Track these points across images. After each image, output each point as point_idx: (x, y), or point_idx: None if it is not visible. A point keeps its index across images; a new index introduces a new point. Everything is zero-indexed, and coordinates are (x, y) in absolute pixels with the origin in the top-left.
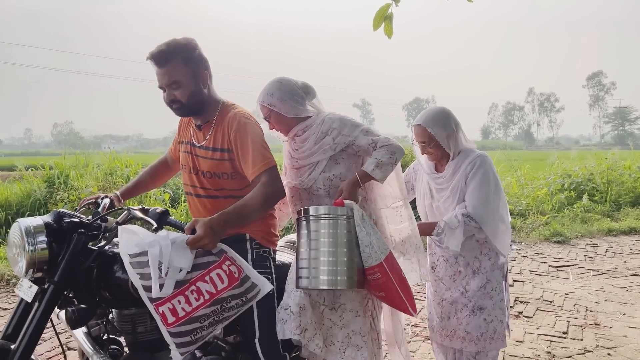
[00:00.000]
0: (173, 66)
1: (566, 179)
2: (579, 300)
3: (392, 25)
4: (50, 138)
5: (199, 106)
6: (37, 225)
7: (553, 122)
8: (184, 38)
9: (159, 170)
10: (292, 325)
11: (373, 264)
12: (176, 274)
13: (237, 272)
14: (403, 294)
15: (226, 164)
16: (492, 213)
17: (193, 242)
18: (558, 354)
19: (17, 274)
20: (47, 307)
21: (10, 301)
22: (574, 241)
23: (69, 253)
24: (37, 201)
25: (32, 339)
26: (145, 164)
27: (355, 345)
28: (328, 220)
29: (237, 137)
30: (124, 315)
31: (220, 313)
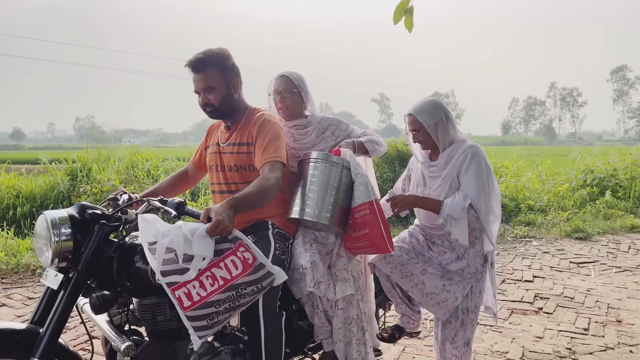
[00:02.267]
0: (208, 73)
1: (588, 175)
2: (601, 297)
3: (413, 19)
4: (72, 132)
5: (230, 110)
6: (62, 217)
7: (575, 117)
8: (219, 48)
9: (179, 180)
10: (307, 280)
11: (365, 201)
12: (199, 262)
13: (251, 259)
14: (385, 232)
15: (251, 157)
16: (486, 203)
17: (213, 229)
18: (579, 350)
19: (43, 263)
20: (72, 294)
21: (35, 290)
22: (595, 237)
23: (91, 243)
24: (61, 194)
25: (58, 324)
26: (165, 158)
27: (342, 279)
28: (323, 164)
29: (259, 131)
30: (144, 305)
31: (236, 299)
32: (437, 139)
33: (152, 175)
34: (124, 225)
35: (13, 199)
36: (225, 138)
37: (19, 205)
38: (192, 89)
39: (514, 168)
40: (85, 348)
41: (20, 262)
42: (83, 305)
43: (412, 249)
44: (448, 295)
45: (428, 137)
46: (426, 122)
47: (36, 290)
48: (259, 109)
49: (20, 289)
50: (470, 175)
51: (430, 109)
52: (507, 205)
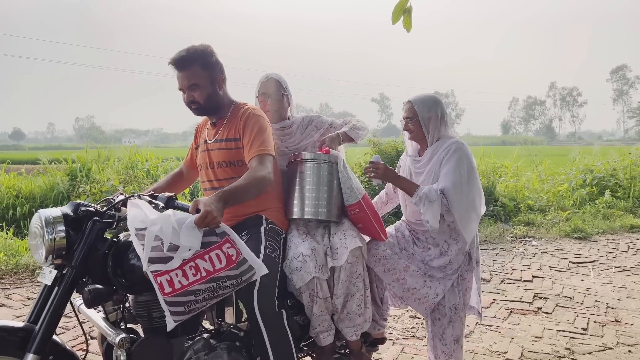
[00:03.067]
0: (192, 70)
1: (588, 175)
2: (600, 296)
3: (411, 19)
4: (72, 132)
5: (215, 106)
6: (56, 216)
7: (575, 117)
8: (201, 45)
9: (175, 180)
10: (310, 266)
11: (353, 202)
12: (184, 252)
13: (235, 255)
14: (376, 224)
15: (240, 152)
16: (462, 197)
17: (201, 220)
18: (578, 350)
19: (38, 261)
20: (66, 290)
21: (35, 291)
22: (595, 237)
23: (84, 239)
24: (60, 194)
25: (52, 320)
26: (165, 157)
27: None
28: (313, 164)
29: (245, 125)
30: (139, 302)
31: (214, 290)
32: (427, 133)
33: (152, 175)
34: (118, 223)
35: (13, 199)
36: (211, 135)
37: (18, 206)
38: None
39: (513, 168)
40: (83, 348)
41: (20, 263)
42: (80, 306)
43: (397, 244)
44: (429, 291)
45: (418, 127)
46: (421, 113)
47: (35, 290)
48: (243, 104)
49: (20, 289)
50: (448, 167)
51: (429, 102)
52: (507, 205)
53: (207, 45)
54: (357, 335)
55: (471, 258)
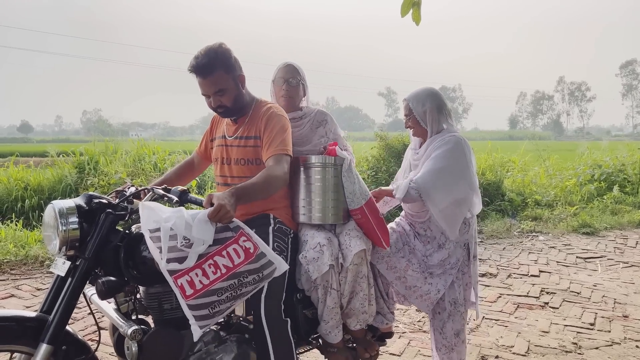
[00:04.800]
0: (217, 76)
1: (596, 170)
2: (607, 292)
3: (420, 12)
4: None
5: (242, 106)
6: (69, 207)
7: (584, 111)
8: (218, 46)
9: (184, 170)
10: (326, 256)
11: (355, 208)
12: (199, 247)
13: (252, 248)
14: (379, 231)
15: (258, 150)
16: (440, 189)
17: (214, 213)
18: (585, 345)
19: (51, 251)
20: (79, 282)
21: (44, 282)
22: (603, 233)
23: (97, 231)
24: (68, 186)
25: (65, 311)
26: (172, 151)
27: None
28: (318, 168)
29: (266, 124)
30: (150, 293)
31: (237, 288)
32: (426, 126)
33: (159, 168)
34: (130, 215)
35: (21, 191)
36: (232, 131)
37: (27, 198)
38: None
39: (521, 163)
40: (94, 339)
41: (29, 254)
42: (92, 296)
43: (399, 239)
44: (430, 287)
45: (416, 123)
46: (415, 109)
47: (45, 281)
48: (265, 101)
49: (29, 280)
50: (431, 158)
51: (423, 97)
52: (514, 200)
53: (222, 44)
54: (360, 326)
55: (469, 252)
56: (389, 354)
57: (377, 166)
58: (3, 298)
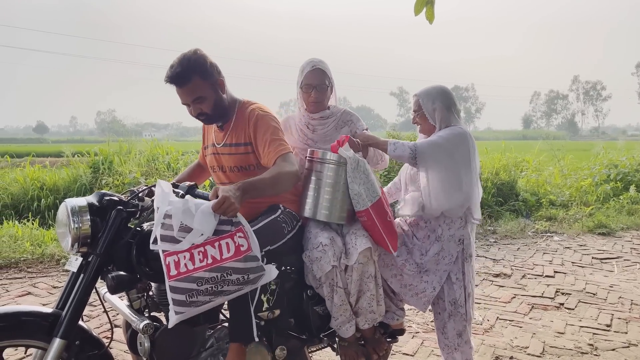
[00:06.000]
0: (193, 84)
1: (612, 170)
2: (624, 293)
3: (434, 10)
4: (94, 125)
5: (223, 111)
6: (81, 205)
7: (599, 111)
8: (192, 52)
9: (196, 171)
10: (329, 255)
11: (360, 209)
12: (196, 237)
13: (245, 247)
14: (386, 235)
15: (250, 157)
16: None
17: (218, 205)
18: (601, 346)
19: (65, 248)
20: (91, 277)
21: (60, 280)
22: (619, 233)
23: (108, 228)
24: (83, 186)
25: (77, 306)
26: (185, 151)
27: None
28: (333, 165)
29: (256, 128)
30: (162, 290)
31: (219, 283)
32: (435, 124)
33: (172, 168)
34: (141, 212)
35: (37, 190)
36: (219, 138)
37: (43, 197)
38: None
39: (535, 162)
40: (108, 336)
41: (45, 252)
42: (105, 294)
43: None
44: (426, 285)
45: (425, 119)
46: (425, 105)
47: (60, 279)
48: (248, 102)
49: (45, 278)
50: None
51: (434, 94)
52: (528, 199)
53: (197, 50)
54: (369, 325)
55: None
56: (402, 354)
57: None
58: (20, 295)
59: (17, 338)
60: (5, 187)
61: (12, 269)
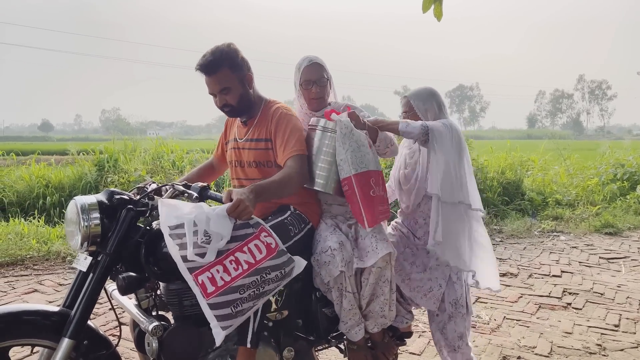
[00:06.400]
0: (222, 74)
1: (619, 169)
2: (632, 293)
3: (442, 7)
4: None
5: (247, 106)
6: (91, 203)
7: (604, 110)
8: (225, 45)
9: (205, 172)
10: (337, 260)
11: (344, 177)
12: (218, 242)
13: (274, 244)
14: (364, 208)
15: (270, 153)
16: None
17: (233, 208)
18: (609, 347)
19: (73, 247)
20: (100, 277)
21: (66, 277)
22: (626, 233)
23: (118, 227)
24: (88, 184)
25: (87, 306)
26: (190, 149)
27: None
28: (323, 133)
29: (277, 126)
30: (170, 290)
31: (260, 285)
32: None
33: (177, 166)
34: (151, 211)
35: (43, 188)
36: (242, 133)
37: (48, 195)
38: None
39: (541, 162)
40: (114, 334)
41: (51, 250)
42: (112, 292)
43: (400, 242)
44: (432, 283)
45: (417, 118)
46: (417, 106)
47: (67, 277)
48: (274, 102)
49: (51, 275)
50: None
51: (425, 95)
52: (534, 199)
53: (231, 44)
54: (378, 329)
55: None
56: (409, 353)
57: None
58: (26, 293)
59: (24, 337)
60: (11, 185)
61: (18, 266)
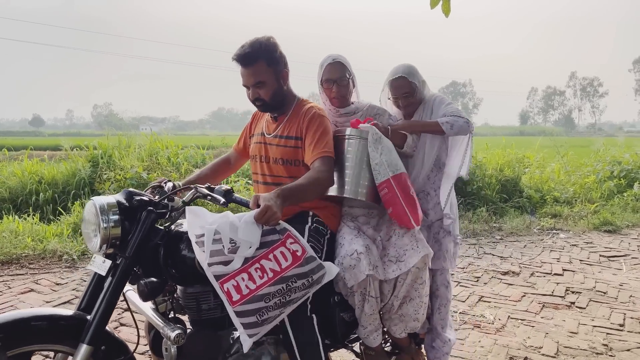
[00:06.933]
0: (258, 67)
1: (616, 166)
2: (635, 292)
3: (450, 4)
4: (90, 119)
5: (280, 103)
6: (110, 203)
7: (595, 107)
8: (265, 38)
9: (221, 168)
10: (364, 264)
11: (381, 180)
12: (245, 250)
13: (300, 251)
14: (408, 208)
15: (299, 152)
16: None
17: (261, 215)
18: (615, 347)
19: (92, 249)
20: (120, 281)
21: (62, 276)
22: (625, 231)
23: (139, 229)
24: (82, 180)
25: (106, 311)
26: (184, 145)
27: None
28: (351, 140)
29: (309, 125)
30: (188, 293)
31: (286, 293)
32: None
33: (172, 162)
34: (170, 213)
35: (36, 184)
36: (271, 129)
37: (41, 191)
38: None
39: (537, 158)
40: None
41: (47, 248)
42: (126, 292)
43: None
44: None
45: (415, 98)
46: (417, 83)
47: (63, 276)
48: (307, 101)
49: (48, 274)
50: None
51: (416, 72)
52: (532, 196)
53: (270, 37)
54: (405, 333)
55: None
56: None
57: None
58: (22, 293)
59: (46, 342)
60: (3, 181)
61: (13, 265)
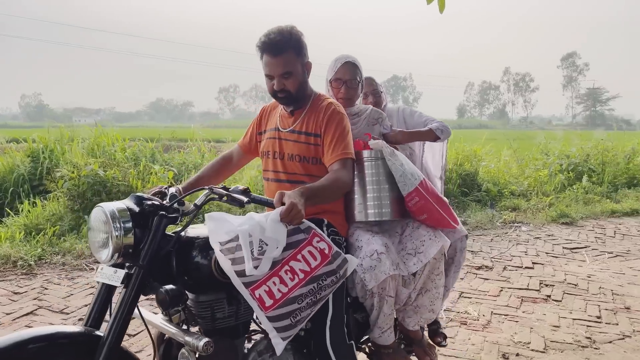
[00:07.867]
0: (287, 56)
1: (564, 160)
2: (603, 283)
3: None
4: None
5: (302, 96)
6: (121, 209)
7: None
8: (292, 27)
9: (221, 166)
10: (385, 264)
11: (410, 190)
12: (273, 251)
13: (327, 249)
14: (443, 211)
15: (318, 149)
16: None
17: (286, 213)
18: (598, 339)
19: (102, 259)
20: (134, 292)
21: (19, 284)
22: (580, 222)
23: (152, 236)
24: (21, 176)
25: (121, 326)
26: (132, 138)
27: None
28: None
29: (328, 123)
30: (201, 302)
31: (317, 292)
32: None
33: (130, 158)
34: (181, 217)
35: None
36: (287, 124)
37: None
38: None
39: (491, 152)
40: None
41: None
42: None
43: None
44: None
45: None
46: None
47: (21, 284)
48: (324, 95)
49: (3, 282)
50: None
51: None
52: (491, 190)
53: (294, 27)
54: (419, 326)
55: None
56: None
57: None
58: None
59: None
60: None
61: None
